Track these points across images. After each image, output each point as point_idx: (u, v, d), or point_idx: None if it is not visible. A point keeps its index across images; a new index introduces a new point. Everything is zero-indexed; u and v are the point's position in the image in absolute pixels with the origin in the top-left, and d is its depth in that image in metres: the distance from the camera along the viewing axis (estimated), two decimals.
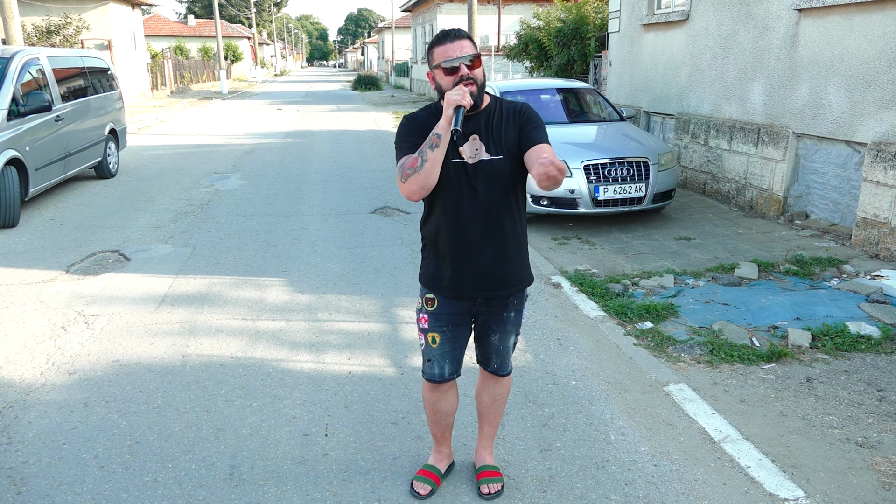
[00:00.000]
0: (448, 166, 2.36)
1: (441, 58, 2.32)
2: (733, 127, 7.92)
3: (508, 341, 2.65)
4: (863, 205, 5.95)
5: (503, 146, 2.39)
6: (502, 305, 2.57)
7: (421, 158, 2.27)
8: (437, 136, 2.26)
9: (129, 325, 4.52)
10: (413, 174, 2.28)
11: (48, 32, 19.16)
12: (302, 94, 31.96)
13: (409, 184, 2.29)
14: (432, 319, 2.56)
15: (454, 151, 2.38)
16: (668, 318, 4.56)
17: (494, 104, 2.46)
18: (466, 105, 2.24)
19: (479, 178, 2.38)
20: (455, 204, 2.41)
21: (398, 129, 2.46)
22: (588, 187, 6.56)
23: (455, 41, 2.32)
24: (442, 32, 2.37)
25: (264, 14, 76.31)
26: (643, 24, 10.09)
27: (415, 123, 2.42)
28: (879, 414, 3.36)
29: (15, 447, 3.11)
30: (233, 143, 13.82)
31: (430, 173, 2.28)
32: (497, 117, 2.43)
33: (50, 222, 7.27)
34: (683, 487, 2.80)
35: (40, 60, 8.15)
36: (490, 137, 2.40)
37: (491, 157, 2.38)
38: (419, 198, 2.34)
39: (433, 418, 2.77)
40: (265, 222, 7.26)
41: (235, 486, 2.83)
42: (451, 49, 2.31)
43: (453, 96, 2.24)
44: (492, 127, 2.41)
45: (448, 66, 2.31)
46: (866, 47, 5.97)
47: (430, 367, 2.62)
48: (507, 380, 2.76)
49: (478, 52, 2.35)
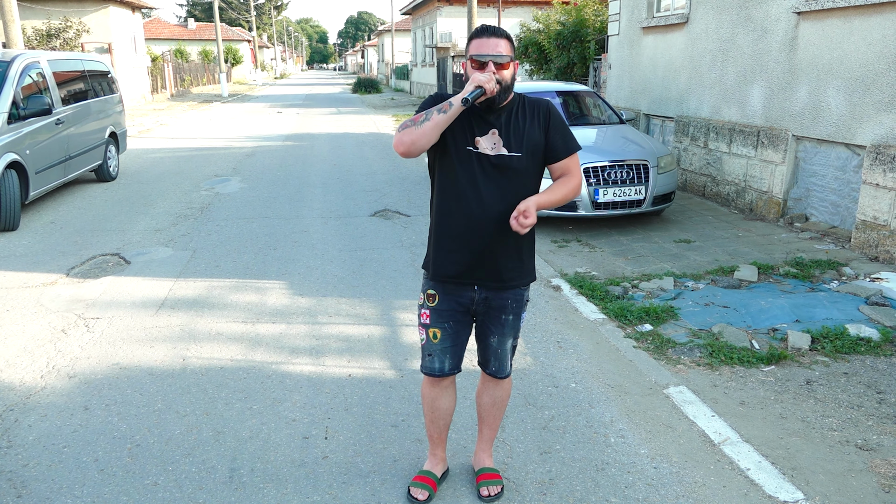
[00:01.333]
0: (461, 153, 2.39)
1: (474, 50, 2.37)
2: (733, 130, 7.93)
3: (506, 344, 2.65)
4: (862, 207, 5.95)
5: (523, 144, 2.41)
6: (500, 307, 2.57)
7: (425, 116, 2.32)
8: (450, 104, 2.30)
9: (130, 328, 4.52)
10: (411, 126, 2.33)
11: (48, 36, 19.20)
12: (302, 97, 31.99)
13: (403, 134, 2.35)
14: (433, 315, 2.58)
15: (469, 140, 2.40)
16: (668, 321, 4.56)
17: (517, 101, 2.48)
18: (489, 90, 2.28)
19: (492, 171, 2.40)
20: (464, 191, 2.42)
21: (425, 98, 2.49)
22: (588, 190, 6.57)
23: (491, 38, 2.36)
24: (482, 26, 2.42)
25: (264, 17, 76.41)
26: (643, 27, 10.10)
27: (440, 98, 2.45)
28: (879, 416, 3.36)
29: (15, 450, 3.11)
30: (233, 147, 13.83)
31: (425, 132, 2.31)
32: (520, 114, 2.45)
33: (50, 225, 7.27)
34: (683, 490, 2.80)
35: (40, 64, 8.16)
36: (511, 134, 2.41)
37: (509, 153, 2.40)
38: (404, 151, 2.35)
39: (431, 417, 2.76)
40: (265, 225, 7.27)
41: (235, 488, 2.83)
42: (486, 45, 2.35)
43: (481, 77, 2.29)
44: (514, 123, 2.43)
45: (478, 60, 2.35)
46: (865, 50, 5.98)
47: (431, 362, 2.63)
48: (506, 382, 2.76)
49: (511, 56, 2.38)
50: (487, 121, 2.41)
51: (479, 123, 2.41)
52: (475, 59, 2.35)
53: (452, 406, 2.76)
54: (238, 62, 50.57)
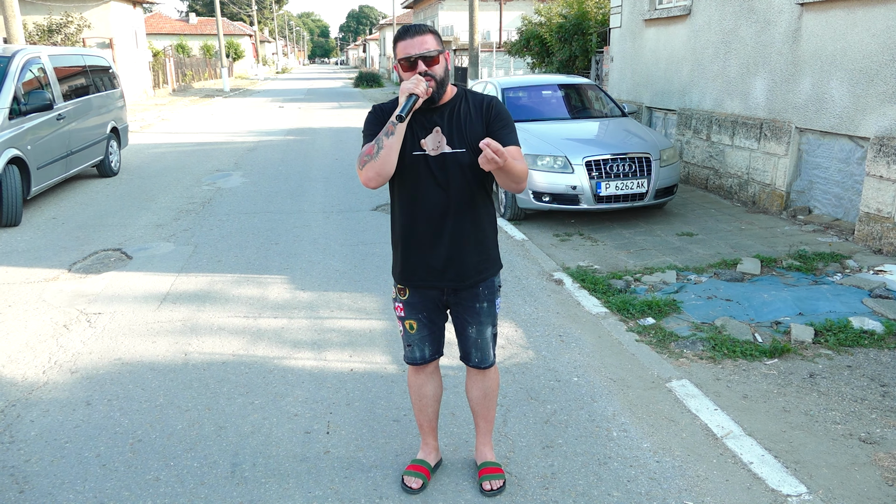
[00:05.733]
0: (407, 158, 2.37)
1: (401, 53, 2.35)
2: (735, 122, 7.89)
3: (486, 333, 2.65)
4: (866, 199, 5.93)
5: (466, 139, 2.40)
6: (472, 296, 2.58)
7: (377, 146, 2.31)
8: (393, 123, 2.29)
9: (131, 323, 4.52)
10: (370, 161, 2.32)
11: (50, 31, 19.18)
12: (303, 92, 31.95)
13: (365, 170, 2.33)
14: (407, 308, 2.62)
15: (415, 144, 2.39)
16: (671, 314, 4.55)
17: (460, 97, 2.47)
18: (420, 94, 2.26)
19: (440, 170, 2.40)
20: (415, 196, 2.43)
21: (365, 118, 2.48)
22: (590, 183, 6.54)
23: (416, 37, 2.33)
24: (404, 27, 2.39)
25: (266, 11, 76.26)
26: (645, 19, 10.05)
27: (380, 112, 2.46)
28: (882, 409, 3.35)
29: (17, 446, 3.11)
30: (234, 141, 13.82)
31: (385, 160, 2.30)
32: (463, 110, 2.44)
33: (52, 221, 7.28)
34: (686, 483, 2.80)
35: (42, 59, 8.15)
36: (453, 130, 2.40)
37: (453, 150, 2.39)
38: (376, 185, 2.36)
39: (419, 405, 2.79)
40: (267, 220, 7.26)
41: (237, 483, 2.83)
42: (412, 45, 2.33)
43: (407, 85, 2.28)
44: (455, 120, 2.42)
45: (407, 60, 2.33)
46: (869, 41, 5.94)
47: (412, 352, 2.71)
48: (492, 371, 2.76)
49: (439, 49, 2.36)
50: (431, 119, 2.41)
51: (422, 125, 2.40)
52: (403, 60, 2.34)
53: (438, 393, 2.80)
54: (239, 57, 50.54)
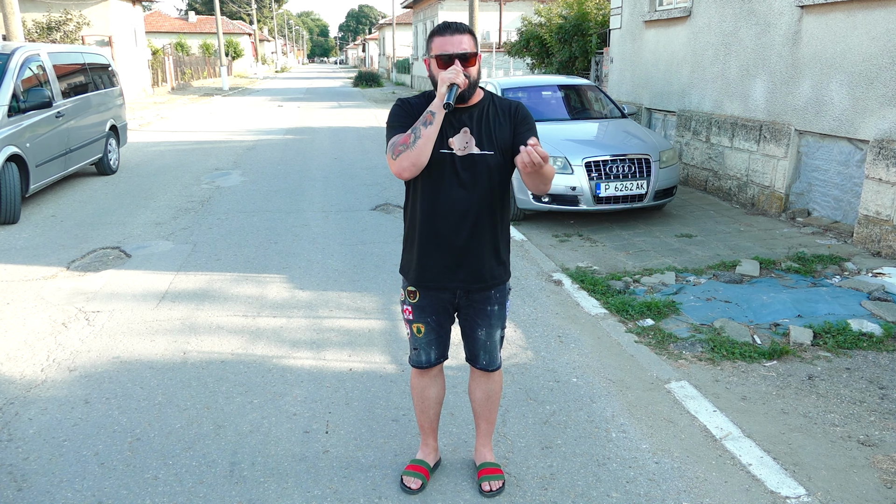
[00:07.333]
0: (434, 154, 2.35)
1: (438, 49, 2.33)
2: (735, 124, 7.90)
3: (495, 336, 2.65)
4: (865, 202, 5.94)
5: (495, 142, 2.40)
6: (484, 299, 2.57)
7: (414, 135, 2.28)
8: (432, 113, 2.26)
9: (130, 321, 4.51)
10: (405, 150, 2.29)
11: (49, 29, 19.14)
12: (303, 91, 31.93)
13: (400, 160, 2.30)
14: (416, 311, 2.61)
15: (443, 141, 2.38)
16: (670, 316, 4.55)
17: (488, 100, 2.46)
18: (460, 84, 2.25)
19: (465, 171, 2.39)
20: (438, 194, 2.42)
21: (391, 110, 2.46)
22: (589, 184, 6.55)
23: (455, 34, 2.32)
24: (444, 23, 2.37)
25: (265, 10, 76.18)
26: (645, 20, 10.06)
27: (408, 106, 2.44)
28: (881, 412, 3.36)
29: (15, 444, 3.11)
30: (233, 140, 13.81)
31: (422, 150, 2.28)
32: (491, 113, 2.43)
33: (51, 219, 7.26)
34: (685, 485, 2.80)
35: (41, 57, 8.13)
36: (482, 132, 2.40)
37: (482, 151, 2.39)
38: (409, 175, 2.33)
39: (421, 407, 2.79)
40: (266, 219, 7.26)
41: (236, 483, 2.83)
42: (450, 42, 2.32)
43: (448, 74, 2.25)
44: (484, 122, 2.41)
45: (444, 57, 2.32)
46: (869, 44, 5.95)
47: (417, 355, 2.69)
48: (497, 374, 2.76)
49: (475, 50, 2.35)
50: (459, 119, 2.40)
51: (450, 124, 2.39)
52: (440, 57, 2.32)
53: (441, 395, 2.80)
54: (239, 55, 50.49)
